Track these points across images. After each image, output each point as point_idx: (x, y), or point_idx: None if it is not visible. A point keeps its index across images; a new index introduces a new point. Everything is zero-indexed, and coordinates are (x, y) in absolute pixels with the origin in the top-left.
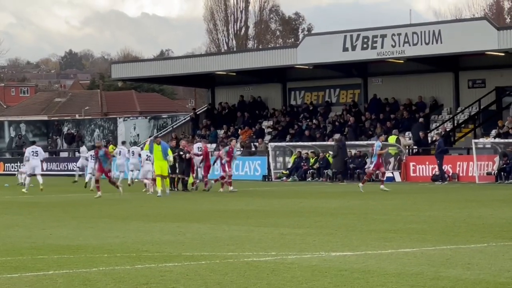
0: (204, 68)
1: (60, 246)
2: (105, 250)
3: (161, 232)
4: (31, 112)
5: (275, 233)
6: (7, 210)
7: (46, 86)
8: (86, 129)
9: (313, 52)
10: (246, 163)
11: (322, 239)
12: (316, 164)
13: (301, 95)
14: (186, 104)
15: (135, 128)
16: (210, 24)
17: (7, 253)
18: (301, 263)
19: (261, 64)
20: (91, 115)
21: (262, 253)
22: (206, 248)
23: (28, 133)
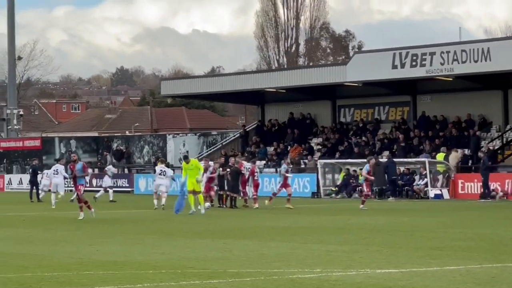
0: (254, 85)
1: (106, 262)
2: (150, 266)
3: (207, 248)
4: (81, 129)
5: (321, 250)
6: (56, 226)
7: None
8: (136, 145)
9: (363, 69)
10: (296, 180)
11: (368, 256)
12: None
13: (350, 112)
14: (236, 121)
15: (185, 144)
16: (261, 41)
17: (53, 268)
18: (345, 280)
19: (311, 81)
20: (141, 132)
21: (307, 270)
22: (252, 265)
23: (78, 149)
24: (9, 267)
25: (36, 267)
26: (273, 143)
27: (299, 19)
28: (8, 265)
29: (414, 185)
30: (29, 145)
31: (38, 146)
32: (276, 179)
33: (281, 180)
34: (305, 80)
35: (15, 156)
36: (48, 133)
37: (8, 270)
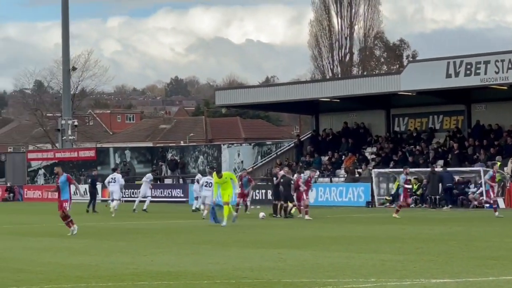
0: (309, 95)
1: (160, 272)
2: (204, 277)
3: (261, 258)
4: (136, 139)
5: (375, 260)
6: (111, 236)
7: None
8: (190, 155)
9: (417, 78)
10: (350, 189)
11: (423, 265)
12: (419, 190)
13: (404, 122)
14: (291, 130)
15: (239, 154)
16: (315, 50)
17: (108, 278)
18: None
19: (365, 90)
20: (196, 142)
21: (361, 279)
22: (306, 274)
23: (133, 159)
24: (64, 278)
25: (91, 277)
26: (328, 152)
27: (353, 29)
28: (63, 275)
29: (469, 194)
30: (84, 156)
31: (92, 157)
32: (331, 189)
33: (401, 191)
34: (359, 90)
35: (70, 166)
36: (103, 144)
37: (63, 281)
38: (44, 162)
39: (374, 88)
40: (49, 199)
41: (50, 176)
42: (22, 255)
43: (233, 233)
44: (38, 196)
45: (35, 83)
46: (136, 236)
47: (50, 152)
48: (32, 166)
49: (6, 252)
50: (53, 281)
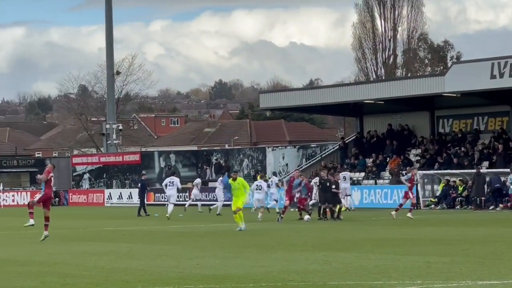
0: (353, 97)
1: (206, 276)
2: (250, 280)
3: (307, 261)
4: (180, 143)
5: (421, 262)
6: (156, 240)
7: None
8: (235, 159)
9: (461, 79)
10: (395, 191)
11: (469, 267)
12: (464, 192)
13: (449, 123)
14: (335, 133)
15: (284, 157)
16: (358, 53)
17: (154, 282)
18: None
19: (409, 92)
20: (240, 145)
21: (407, 282)
22: (352, 277)
23: (178, 163)
24: (110, 282)
25: (137, 281)
26: (372, 154)
27: (397, 30)
28: (110, 279)
29: None
30: (129, 160)
31: (137, 161)
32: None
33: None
34: (403, 91)
35: (115, 171)
36: (147, 148)
37: (110, 285)
38: (89, 166)
39: (418, 90)
40: (94, 203)
41: (95, 180)
42: (68, 259)
43: (278, 236)
44: (84, 200)
45: (79, 87)
46: (181, 239)
47: (95, 157)
48: (77, 170)
49: (52, 256)
50: (100, 285)
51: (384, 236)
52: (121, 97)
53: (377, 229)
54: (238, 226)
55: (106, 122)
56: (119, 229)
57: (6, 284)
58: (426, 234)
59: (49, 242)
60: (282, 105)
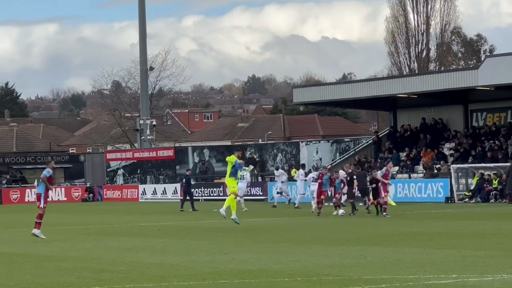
0: (386, 91)
1: (241, 270)
2: (285, 274)
3: (342, 255)
4: (214, 138)
5: (456, 256)
6: (191, 235)
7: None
8: (269, 153)
9: (495, 73)
10: (429, 185)
11: (505, 261)
12: (499, 185)
13: (483, 117)
14: (369, 127)
15: (318, 152)
16: (391, 47)
17: (189, 278)
18: (482, 286)
19: (442, 86)
20: (274, 140)
21: (443, 275)
22: (387, 271)
23: (212, 158)
24: (145, 277)
25: (172, 276)
26: (406, 148)
27: (430, 24)
28: (145, 274)
29: None
30: (163, 155)
31: (171, 156)
32: (409, 185)
33: None
34: (437, 85)
35: (149, 166)
36: (181, 143)
37: (145, 280)
38: (123, 162)
39: (451, 84)
40: (128, 199)
41: (129, 176)
42: (103, 255)
43: (313, 231)
44: (118, 196)
45: (113, 83)
46: (216, 234)
47: (129, 152)
48: (111, 166)
49: (88, 252)
50: (135, 281)
51: (419, 230)
52: (154, 92)
53: (412, 223)
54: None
55: (140, 118)
56: (154, 224)
57: (42, 280)
58: (461, 227)
59: (85, 238)
60: (315, 100)
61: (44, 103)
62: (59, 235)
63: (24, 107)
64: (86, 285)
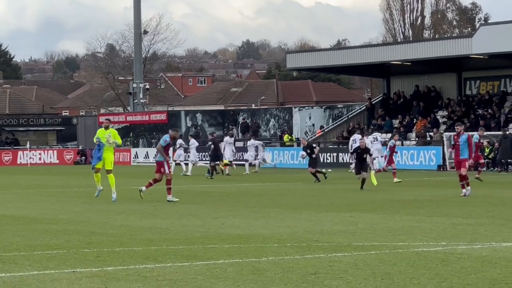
0: (380, 58)
1: (231, 235)
2: (275, 240)
3: (332, 222)
4: (207, 102)
5: (446, 223)
6: (182, 199)
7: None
8: (262, 119)
9: (489, 41)
10: (421, 152)
11: (494, 229)
12: (491, 154)
13: (476, 85)
14: (362, 94)
15: (310, 118)
16: (386, 14)
17: (179, 242)
18: (471, 253)
19: (436, 54)
20: (267, 105)
21: (432, 243)
22: (377, 238)
23: (204, 122)
24: (135, 241)
25: (162, 240)
26: (399, 116)
27: None
28: (135, 238)
29: None
30: (155, 119)
31: (164, 120)
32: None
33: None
34: (431, 53)
35: (141, 130)
36: (174, 107)
37: (135, 243)
38: (115, 125)
39: (445, 51)
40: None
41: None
42: (94, 218)
43: (304, 197)
44: None
45: (107, 46)
46: (207, 199)
47: (122, 116)
48: None
49: (78, 215)
50: (124, 244)
51: (410, 198)
52: (148, 56)
53: (403, 190)
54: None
55: (133, 81)
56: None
57: (32, 242)
58: (452, 196)
59: (76, 201)
60: (309, 66)
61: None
62: (50, 197)
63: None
64: (75, 247)
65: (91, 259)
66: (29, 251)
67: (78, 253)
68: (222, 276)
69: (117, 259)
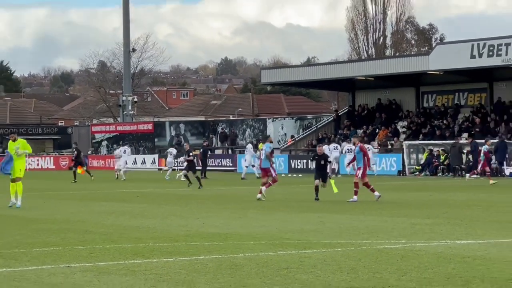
0: (346, 74)
1: (211, 234)
2: (251, 238)
3: (303, 222)
4: (189, 114)
5: (406, 223)
6: (167, 201)
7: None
8: (239, 129)
9: (444, 59)
10: (383, 159)
11: (449, 228)
12: (446, 160)
13: (433, 98)
14: (329, 106)
15: (283, 128)
16: (351, 33)
17: (164, 239)
18: (428, 250)
19: (397, 70)
20: (243, 116)
21: (393, 241)
22: (343, 236)
23: (187, 132)
24: (125, 238)
25: (149, 238)
26: (363, 126)
27: (386, 14)
28: (124, 236)
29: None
30: (143, 129)
31: (150, 130)
32: None
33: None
34: (392, 69)
35: (130, 138)
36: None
37: (124, 241)
38: (106, 134)
39: (405, 68)
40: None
41: (112, 147)
42: (87, 218)
43: (278, 199)
44: (102, 165)
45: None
46: (189, 201)
47: (112, 126)
48: (96, 138)
49: (73, 215)
50: (115, 241)
51: (373, 200)
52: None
53: (367, 193)
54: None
55: (123, 95)
56: (134, 191)
57: (31, 240)
58: (411, 198)
59: (70, 202)
60: (281, 81)
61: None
62: (47, 200)
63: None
64: (70, 245)
65: (85, 255)
66: (27, 248)
67: (73, 250)
68: (203, 271)
69: (108, 255)
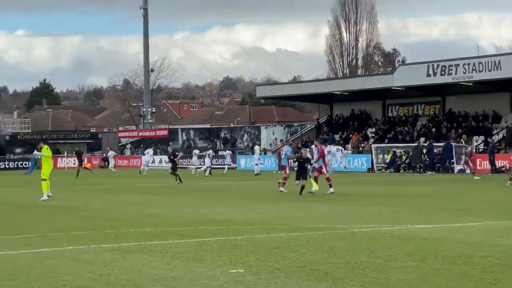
0: (325, 89)
1: (215, 220)
2: (248, 223)
3: (291, 210)
4: (198, 122)
5: (374, 211)
6: (179, 194)
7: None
8: (238, 134)
9: (405, 77)
10: (356, 159)
11: (410, 215)
12: (407, 160)
13: (396, 109)
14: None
15: (274, 133)
16: (329, 57)
17: (177, 225)
18: (392, 233)
19: (367, 86)
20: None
21: (364, 225)
22: (323, 222)
23: (196, 137)
24: (145, 224)
25: (164, 224)
26: (339, 132)
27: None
28: (144, 222)
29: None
30: (159, 134)
31: (166, 135)
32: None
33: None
34: (363, 85)
35: (149, 142)
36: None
37: (144, 226)
38: (130, 139)
39: (373, 84)
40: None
41: (135, 149)
42: (113, 207)
43: (271, 192)
44: (126, 164)
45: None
46: (198, 193)
47: (135, 132)
48: (121, 142)
49: (103, 205)
50: (136, 226)
51: (348, 192)
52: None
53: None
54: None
55: (143, 106)
56: (152, 185)
57: (70, 225)
58: (379, 191)
59: (101, 195)
60: (273, 95)
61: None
62: (83, 192)
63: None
64: (100, 228)
65: (112, 237)
66: (66, 232)
67: (102, 233)
68: (209, 250)
69: (131, 237)
